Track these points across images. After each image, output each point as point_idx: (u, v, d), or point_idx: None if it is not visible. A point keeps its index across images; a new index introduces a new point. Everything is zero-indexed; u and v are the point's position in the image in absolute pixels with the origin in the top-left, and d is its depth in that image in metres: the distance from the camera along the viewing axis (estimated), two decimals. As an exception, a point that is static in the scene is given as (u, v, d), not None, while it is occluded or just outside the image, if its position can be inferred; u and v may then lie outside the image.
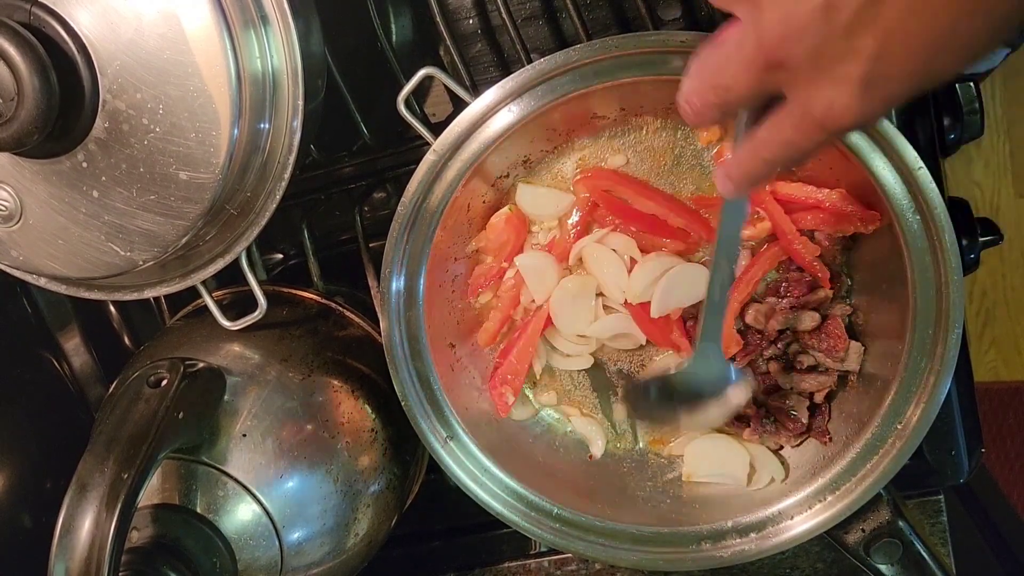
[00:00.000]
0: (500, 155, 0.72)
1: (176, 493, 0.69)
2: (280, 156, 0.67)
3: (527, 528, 0.76)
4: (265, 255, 0.93)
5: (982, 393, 1.62)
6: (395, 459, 0.78)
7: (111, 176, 0.63)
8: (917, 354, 0.69)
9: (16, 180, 0.65)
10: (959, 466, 0.84)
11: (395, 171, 0.83)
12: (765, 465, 0.78)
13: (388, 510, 0.79)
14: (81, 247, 0.66)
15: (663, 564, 0.76)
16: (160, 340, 0.80)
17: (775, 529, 0.74)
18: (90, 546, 0.57)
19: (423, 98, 0.89)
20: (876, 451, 0.71)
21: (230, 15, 0.60)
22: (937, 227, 0.65)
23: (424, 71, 0.69)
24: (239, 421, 0.71)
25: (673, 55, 0.65)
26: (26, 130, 0.57)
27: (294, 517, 0.72)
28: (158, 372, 0.67)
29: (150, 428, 0.63)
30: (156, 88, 0.60)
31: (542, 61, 0.66)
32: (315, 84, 0.68)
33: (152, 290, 0.74)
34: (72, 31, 0.59)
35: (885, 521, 0.73)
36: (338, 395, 0.76)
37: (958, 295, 0.66)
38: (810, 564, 0.90)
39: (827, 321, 0.75)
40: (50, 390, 0.95)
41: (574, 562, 0.94)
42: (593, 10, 0.81)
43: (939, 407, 0.69)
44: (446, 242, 0.76)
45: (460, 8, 0.83)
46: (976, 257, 0.78)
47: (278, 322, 0.78)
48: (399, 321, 0.74)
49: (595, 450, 0.82)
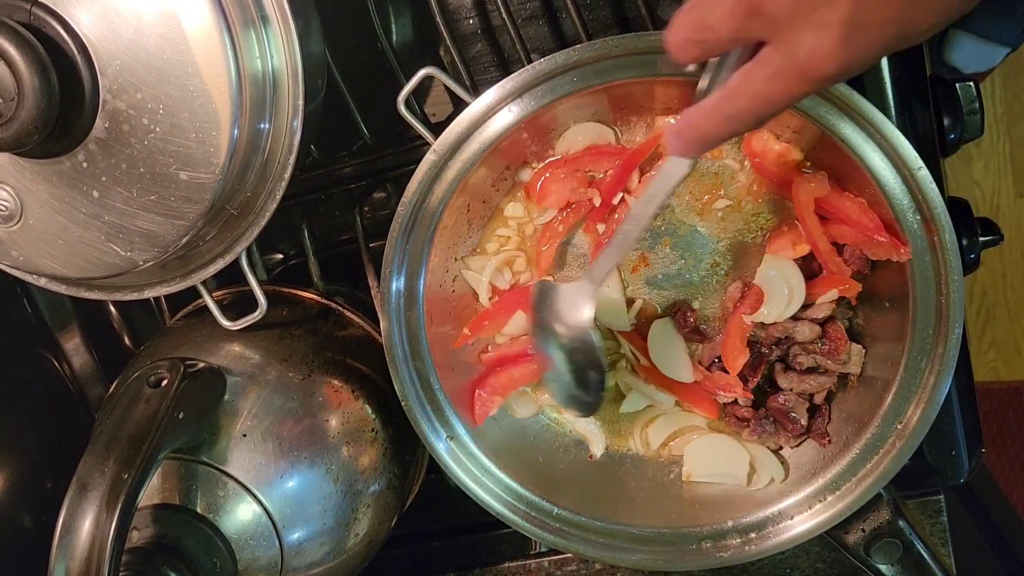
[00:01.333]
0: (500, 155, 0.72)
1: (176, 493, 0.69)
2: (280, 156, 0.67)
3: (527, 528, 0.76)
4: (265, 255, 0.93)
5: (982, 393, 1.62)
6: (395, 459, 0.78)
7: (111, 176, 0.63)
8: (917, 354, 0.69)
9: (16, 180, 0.65)
10: (959, 466, 0.84)
11: (395, 171, 0.83)
12: (765, 465, 0.78)
13: (388, 510, 0.79)
14: (81, 247, 0.66)
15: (663, 564, 0.76)
16: (160, 340, 0.80)
17: (775, 529, 0.75)
18: (90, 546, 0.57)
19: (423, 98, 0.89)
20: (876, 451, 0.71)
21: (230, 15, 0.60)
22: (937, 227, 0.65)
23: (424, 71, 0.70)
24: (239, 421, 0.71)
25: (673, 55, 0.65)
26: (26, 130, 0.57)
27: (294, 517, 0.72)
28: (158, 372, 0.67)
29: (150, 428, 0.63)
30: (156, 88, 0.60)
31: (542, 61, 0.66)
32: (315, 84, 0.68)
33: (152, 290, 0.74)
34: (72, 31, 0.59)
35: (885, 521, 0.73)
36: (338, 395, 0.76)
37: (958, 295, 0.66)
38: (810, 564, 0.90)
39: (828, 324, 0.75)
40: (50, 390, 0.95)
41: (574, 562, 0.94)
42: (593, 10, 0.81)
43: (939, 407, 0.69)
44: (446, 242, 0.76)
45: (460, 8, 0.83)
46: (976, 257, 0.78)
47: (278, 322, 0.78)
48: (399, 321, 0.74)
49: (595, 450, 0.82)
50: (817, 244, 0.72)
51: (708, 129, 0.52)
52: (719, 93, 0.50)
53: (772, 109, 0.49)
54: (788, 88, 0.48)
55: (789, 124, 0.70)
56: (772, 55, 0.47)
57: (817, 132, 0.67)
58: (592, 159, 0.75)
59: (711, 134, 0.53)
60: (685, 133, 0.54)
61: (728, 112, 0.50)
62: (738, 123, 0.51)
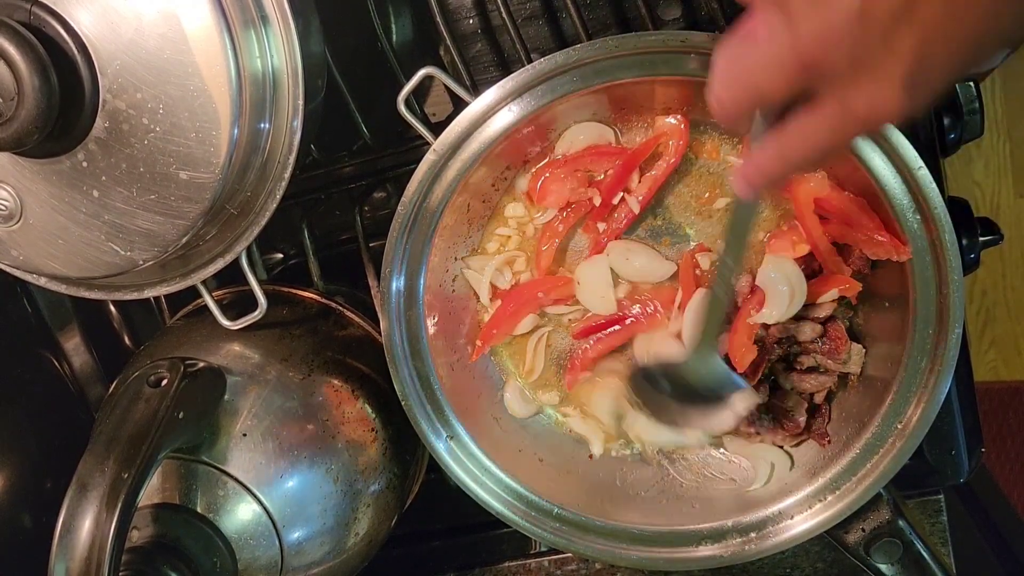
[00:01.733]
0: (500, 155, 0.72)
1: (176, 493, 0.69)
2: (280, 156, 0.67)
3: (527, 528, 0.76)
4: (265, 255, 0.93)
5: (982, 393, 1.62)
6: (395, 459, 0.78)
7: (111, 176, 0.63)
8: (917, 354, 0.69)
9: (16, 180, 0.65)
10: (959, 466, 0.84)
11: (395, 171, 0.83)
12: (767, 460, 0.78)
13: (388, 510, 0.79)
14: (81, 247, 0.66)
15: (663, 564, 0.76)
16: (160, 340, 0.80)
17: (775, 529, 0.75)
18: (90, 546, 0.57)
19: (423, 98, 0.89)
20: (876, 451, 0.71)
21: (230, 15, 0.60)
22: (937, 227, 0.65)
23: (424, 71, 0.70)
24: (239, 421, 0.71)
25: (674, 55, 0.65)
26: (26, 130, 0.57)
27: (294, 517, 0.72)
28: (158, 372, 0.67)
29: (150, 428, 0.63)
30: (156, 88, 0.60)
31: (542, 61, 0.66)
32: (315, 84, 0.68)
33: (152, 290, 0.74)
34: (72, 31, 0.59)
35: (885, 521, 0.73)
36: (338, 395, 0.76)
37: (958, 295, 0.66)
38: (810, 564, 0.90)
39: (829, 324, 0.75)
40: (50, 390, 0.95)
41: (574, 562, 0.94)
42: (593, 10, 0.81)
43: (939, 407, 0.69)
44: (446, 242, 0.76)
45: (460, 8, 0.83)
46: (976, 257, 0.78)
47: (278, 322, 0.78)
48: (399, 321, 0.74)
49: (595, 450, 0.82)
50: (817, 244, 0.72)
51: (774, 170, 0.53)
52: (778, 139, 0.51)
53: (831, 152, 0.50)
54: (846, 134, 0.48)
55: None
56: (829, 105, 0.47)
57: (817, 132, 0.67)
58: (592, 159, 0.75)
59: (777, 173, 0.53)
60: (752, 178, 0.55)
61: (791, 157, 0.51)
62: (800, 165, 0.53)
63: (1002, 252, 1.78)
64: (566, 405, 0.83)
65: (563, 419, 0.83)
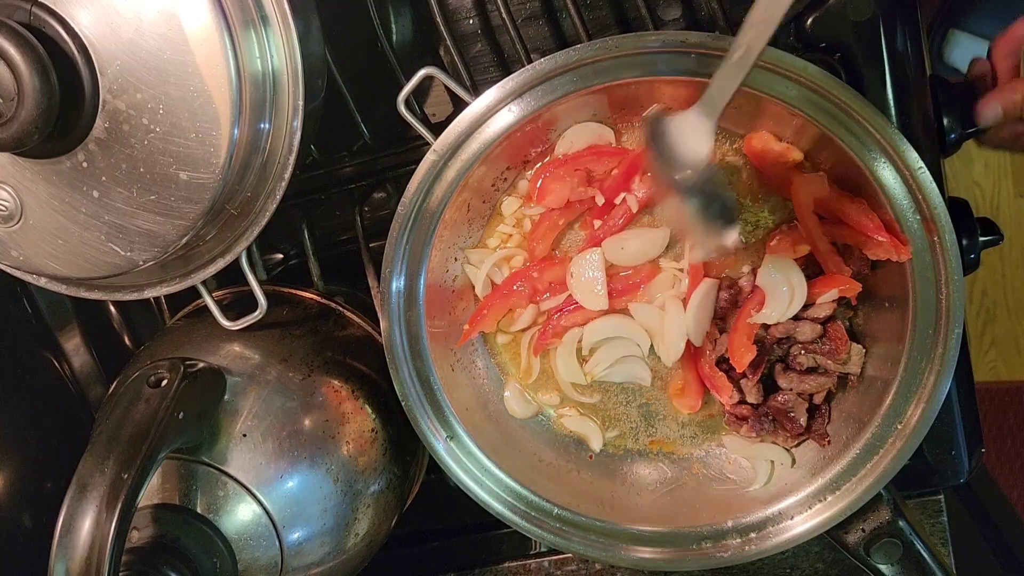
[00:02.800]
0: (500, 155, 0.72)
1: (176, 493, 0.69)
2: (280, 156, 0.67)
3: (527, 528, 0.77)
4: (265, 255, 0.93)
5: (982, 393, 1.63)
6: (395, 459, 0.78)
7: (111, 176, 0.63)
8: (917, 354, 0.69)
9: (16, 180, 0.65)
10: (959, 466, 0.84)
11: (395, 171, 0.83)
12: (767, 460, 0.78)
13: (388, 510, 0.79)
14: (81, 247, 0.66)
15: (663, 564, 0.76)
16: (160, 340, 0.80)
17: (775, 529, 0.75)
18: (90, 546, 0.57)
19: (423, 98, 0.89)
20: (876, 451, 0.71)
21: (230, 15, 0.60)
22: (937, 227, 0.65)
23: (424, 71, 0.70)
24: (239, 421, 0.71)
25: (674, 55, 0.65)
26: (26, 130, 0.57)
27: (294, 517, 0.72)
28: (158, 372, 0.67)
29: (150, 428, 0.63)
30: (156, 88, 0.60)
31: (542, 61, 0.66)
32: (315, 84, 0.68)
33: (152, 290, 0.74)
34: (72, 31, 0.59)
35: (885, 521, 0.73)
36: (338, 395, 0.76)
37: (958, 295, 0.66)
38: (810, 564, 0.90)
39: (829, 324, 0.75)
40: (50, 390, 0.95)
41: (574, 562, 0.94)
42: (593, 10, 0.81)
43: (939, 407, 0.69)
44: (446, 242, 0.76)
45: (460, 8, 0.83)
46: (976, 257, 0.78)
47: (278, 322, 0.78)
48: (399, 321, 0.74)
49: (594, 445, 0.82)
50: (817, 244, 0.72)
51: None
52: None
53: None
54: None
55: (789, 124, 0.70)
56: None
57: (817, 132, 0.67)
58: (592, 159, 0.75)
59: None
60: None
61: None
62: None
63: (1002, 252, 1.78)
64: (565, 405, 0.83)
65: (563, 419, 0.83)
